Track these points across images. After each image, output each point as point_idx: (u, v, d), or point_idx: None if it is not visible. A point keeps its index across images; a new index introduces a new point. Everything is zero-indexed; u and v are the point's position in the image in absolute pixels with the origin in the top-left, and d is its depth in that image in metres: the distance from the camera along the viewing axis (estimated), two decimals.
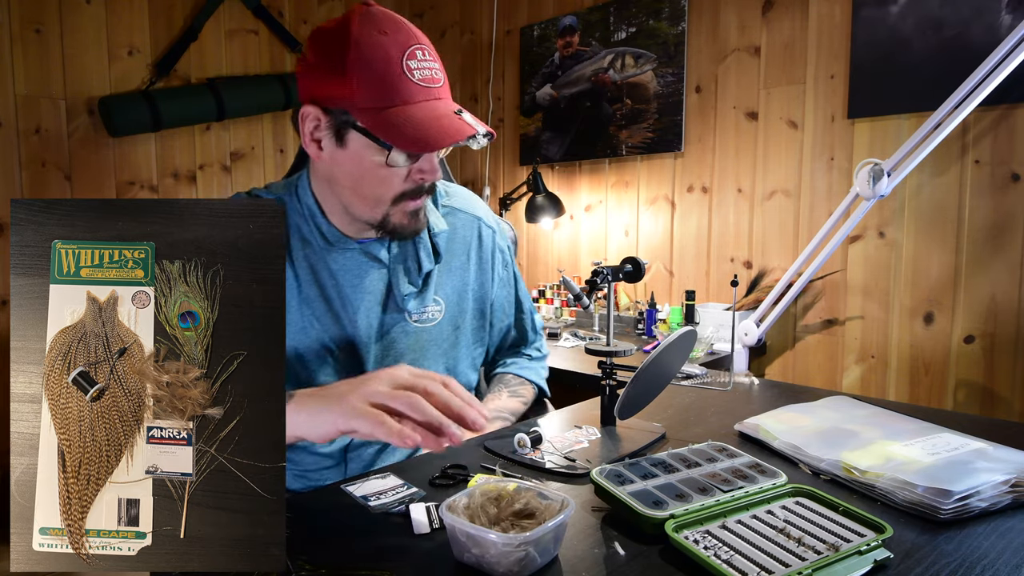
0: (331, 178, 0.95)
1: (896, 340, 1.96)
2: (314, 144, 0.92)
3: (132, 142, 2.63)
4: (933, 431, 1.02)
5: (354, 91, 0.85)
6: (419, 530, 0.78)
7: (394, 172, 0.91)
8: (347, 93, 0.85)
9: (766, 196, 2.20)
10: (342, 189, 0.95)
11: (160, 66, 2.65)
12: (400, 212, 0.95)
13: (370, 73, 0.85)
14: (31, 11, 2.38)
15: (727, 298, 2.30)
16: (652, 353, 1.00)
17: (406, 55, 0.87)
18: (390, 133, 0.86)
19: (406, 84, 0.86)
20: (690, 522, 0.75)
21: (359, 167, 0.91)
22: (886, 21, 1.91)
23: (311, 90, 0.89)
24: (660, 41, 2.43)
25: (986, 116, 1.77)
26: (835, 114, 2.03)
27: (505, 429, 1.17)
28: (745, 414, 1.17)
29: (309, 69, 0.89)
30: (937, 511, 0.79)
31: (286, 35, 3.00)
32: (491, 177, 3.11)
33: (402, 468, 1.00)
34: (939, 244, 1.87)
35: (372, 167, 0.90)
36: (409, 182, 0.93)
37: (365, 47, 0.85)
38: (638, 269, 1.19)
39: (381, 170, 0.90)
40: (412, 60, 0.87)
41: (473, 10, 3.14)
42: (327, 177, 0.96)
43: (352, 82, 0.84)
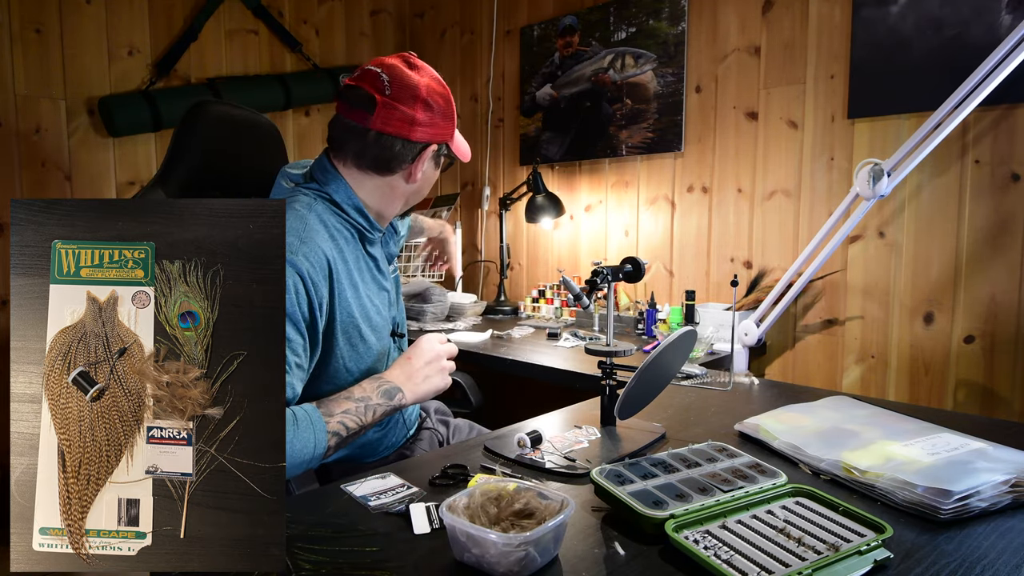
0: (416, 192, 1.22)
1: (896, 340, 1.96)
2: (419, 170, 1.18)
3: (132, 142, 2.63)
4: (933, 431, 1.02)
5: (453, 132, 1.19)
6: (419, 530, 0.78)
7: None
8: (450, 133, 1.18)
9: (766, 196, 2.20)
10: (416, 198, 1.23)
11: (160, 66, 2.65)
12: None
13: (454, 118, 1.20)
14: (31, 11, 2.38)
15: (727, 298, 2.30)
16: (652, 353, 1.00)
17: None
18: (460, 153, 1.24)
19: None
20: (690, 522, 0.75)
21: (433, 178, 1.24)
22: (886, 21, 1.91)
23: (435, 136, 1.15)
24: (660, 41, 2.43)
25: (986, 116, 1.77)
26: (835, 114, 2.03)
27: (505, 429, 1.18)
28: (745, 414, 1.17)
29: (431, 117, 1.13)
30: (937, 511, 0.79)
31: (286, 35, 3.00)
32: (491, 177, 3.12)
33: (402, 468, 1.00)
34: (939, 244, 1.87)
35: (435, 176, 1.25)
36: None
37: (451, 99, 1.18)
38: (638, 269, 1.19)
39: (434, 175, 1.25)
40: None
41: (473, 10, 3.14)
42: (405, 192, 1.19)
43: (452, 126, 1.18)
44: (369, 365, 1.15)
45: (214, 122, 1.28)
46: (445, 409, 1.49)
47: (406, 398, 1.08)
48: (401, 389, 1.08)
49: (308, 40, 3.12)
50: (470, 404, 1.66)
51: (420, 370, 1.10)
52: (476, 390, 1.69)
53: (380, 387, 1.06)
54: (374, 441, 1.22)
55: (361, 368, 1.14)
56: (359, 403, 1.03)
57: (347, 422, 1.01)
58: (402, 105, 1.10)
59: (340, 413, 1.01)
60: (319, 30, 3.18)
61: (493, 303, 2.75)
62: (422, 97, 1.11)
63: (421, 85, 1.11)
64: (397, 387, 1.08)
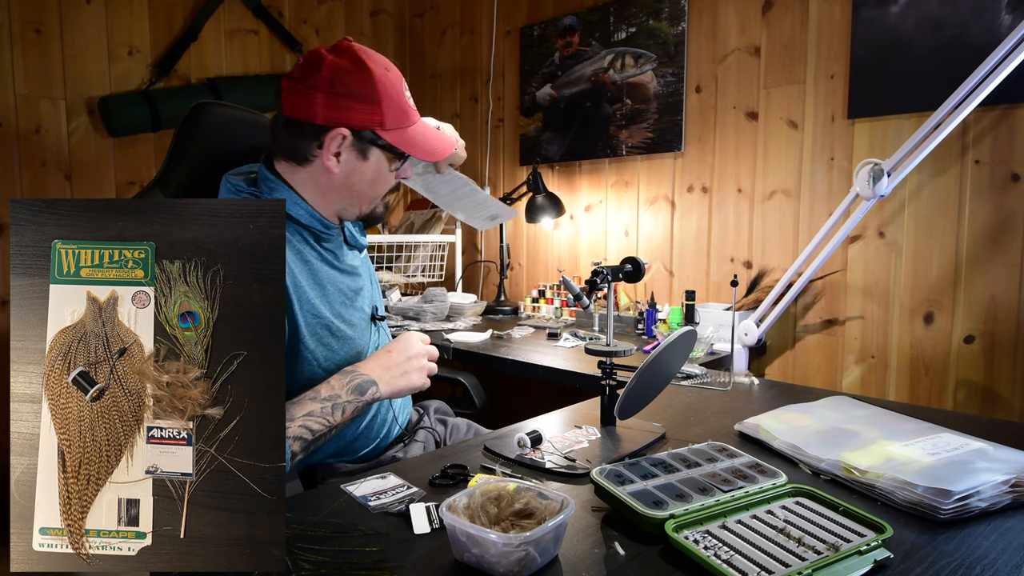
0: (340, 184, 1.11)
1: (896, 340, 1.96)
2: (334, 158, 1.09)
3: (132, 142, 2.63)
4: (933, 431, 1.02)
5: (384, 117, 1.07)
6: (419, 530, 0.78)
7: (392, 175, 1.15)
8: (377, 118, 1.06)
9: (766, 196, 2.20)
10: (351, 193, 1.13)
11: (160, 66, 2.65)
12: (381, 204, 1.18)
13: (392, 102, 1.07)
14: (31, 11, 2.38)
15: (727, 298, 2.30)
16: (652, 353, 1.00)
17: (404, 86, 1.11)
18: (409, 147, 1.11)
19: (410, 109, 1.11)
20: (690, 522, 0.75)
21: (378, 174, 1.13)
22: (886, 21, 1.91)
23: (335, 116, 1.05)
24: (660, 41, 2.43)
25: (986, 116, 1.77)
26: (835, 114, 2.03)
27: (505, 429, 1.18)
28: (745, 414, 1.17)
29: (333, 96, 1.04)
30: (937, 511, 0.79)
31: (286, 35, 3.00)
32: (491, 177, 3.12)
33: (402, 468, 1.00)
34: (939, 244, 1.87)
35: (385, 174, 1.13)
36: (394, 181, 1.17)
37: (385, 82, 1.06)
38: (638, 269, 1.19)
39: (388, 175, 1.14)
40: (407, 90, 1.11)
41: (473, 10, 3.14)
42: (330, 184, 1.11)
43: (381, 109, 1.06)
44: (348, 359, 1.12)
45: (215, 123, 1.28)
46: (447, 409, 1.48)
47: (381, 391, 1.05)
48: (376, 382, 1.05)
49: (308, 40, 3.12)
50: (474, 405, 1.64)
51: (399, 364, 1.08)
52: (480, 391, 1.68)
53: (351, 382, 1.03)
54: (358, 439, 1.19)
55: (339, 365, 1.11)
56: (325, 403, 1.00)
57: (311, 424, 0.98)
58: (305, 86, 1.03)
59: (302, 416, 0.98)
60: (319, 30, 3.18)
61: (493, 303, 2.75)
62: (326, 77, 1.03)
63: (326, 65, 1.03)
64: (371, 380, 1.05)
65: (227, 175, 1.16)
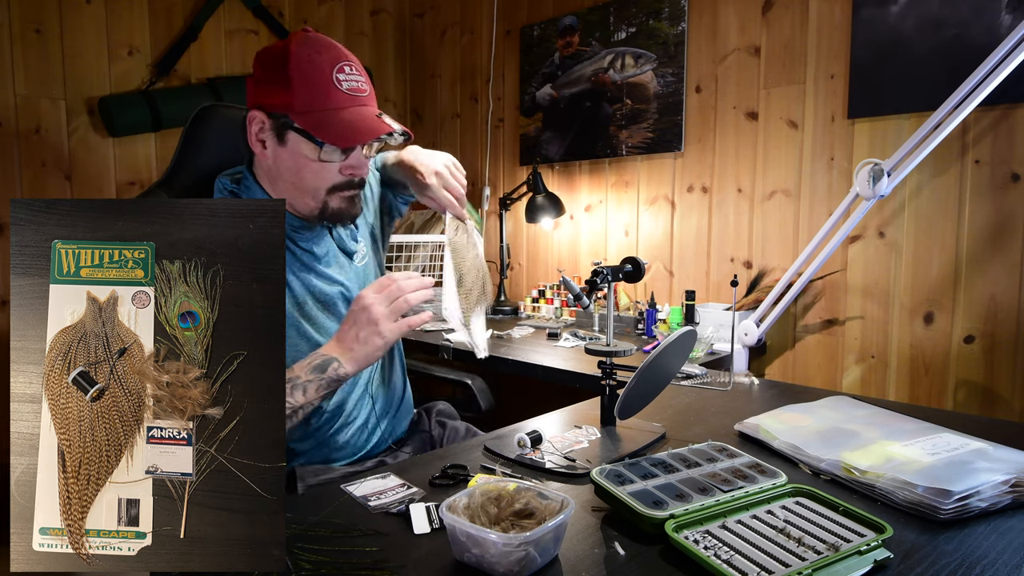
0: (275, 174, 1.10)
1: (896, 340, 1.96)
2: (259, 144, 1.08)
3: (132, 142, 2.63)
4: (933, 431, 1.02)
5: (293, 99, 1.03)
6: (419, 530, 0.78)
7: (327, 166, 1.07)
8: (287, 100, 1.03)
9: (766, 196, 2.20)
10: (285, 184, 1.10)
11: (160, 66, 2.65)
12: (337, 198, 1.11)
13: (306, 84, 1.03)
14: (31, 11, 2.38)
15: (727, 298, 2.30)
16: (652, 353, 1.00)
17: (336, 69, 1.05)
18: (321, 131, 1.03)
19: (336, 93, 1.05)
20: (690, 522, 0.75)
21: (297, 162, 1.07)
22: (886, 21, 1.91)
23: (257, 99, 1.06)
24: (660, 41, 2.43)
25: (986, 116, 1.77)
26: (835, 114, 2.03)
27: (505, 429, 1.18)
28: (745, 414, 1.17)
29: (256, 82, 1.06)
30: (937, 511, 0.79)
31: (286, 35, 2.99)
32: (491, 177, 3.12)
33: (402, 468, 1.00)
34: (939, 244, 1.87)
35: (307, 162, 1.07)
36: (341, 177, 1.09)
37: (303, 62, 1.03)
38: (638, 269, 1.19)
39: (314, 164, 1.07)
40: (341, 74, 1.05)
41: (473, 10, 3.14)
42: (270, 174, 1.11)
43: (292, 91, 1.03)
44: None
45: (222, 125, 1.27)
46: (451, 411, 1.44)
47: (345, 367, 1.00)
48: (337, 358, 1.00)
49: None
50: (479, 408, 1.60)
51: (348, 332, 1.01)
52: (487, 394, 1.61)
53: (311, 363, 1.01)
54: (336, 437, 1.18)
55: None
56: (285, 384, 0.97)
57: None
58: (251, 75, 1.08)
59: None
60: (319, 30, 3.17)
61: (493, 303, 2.75)
62: (258, 63, 1.06)
63: (261, 51, 1.07)
64: (332, 357, 1.01)
65: (220, 175, 1.17)
